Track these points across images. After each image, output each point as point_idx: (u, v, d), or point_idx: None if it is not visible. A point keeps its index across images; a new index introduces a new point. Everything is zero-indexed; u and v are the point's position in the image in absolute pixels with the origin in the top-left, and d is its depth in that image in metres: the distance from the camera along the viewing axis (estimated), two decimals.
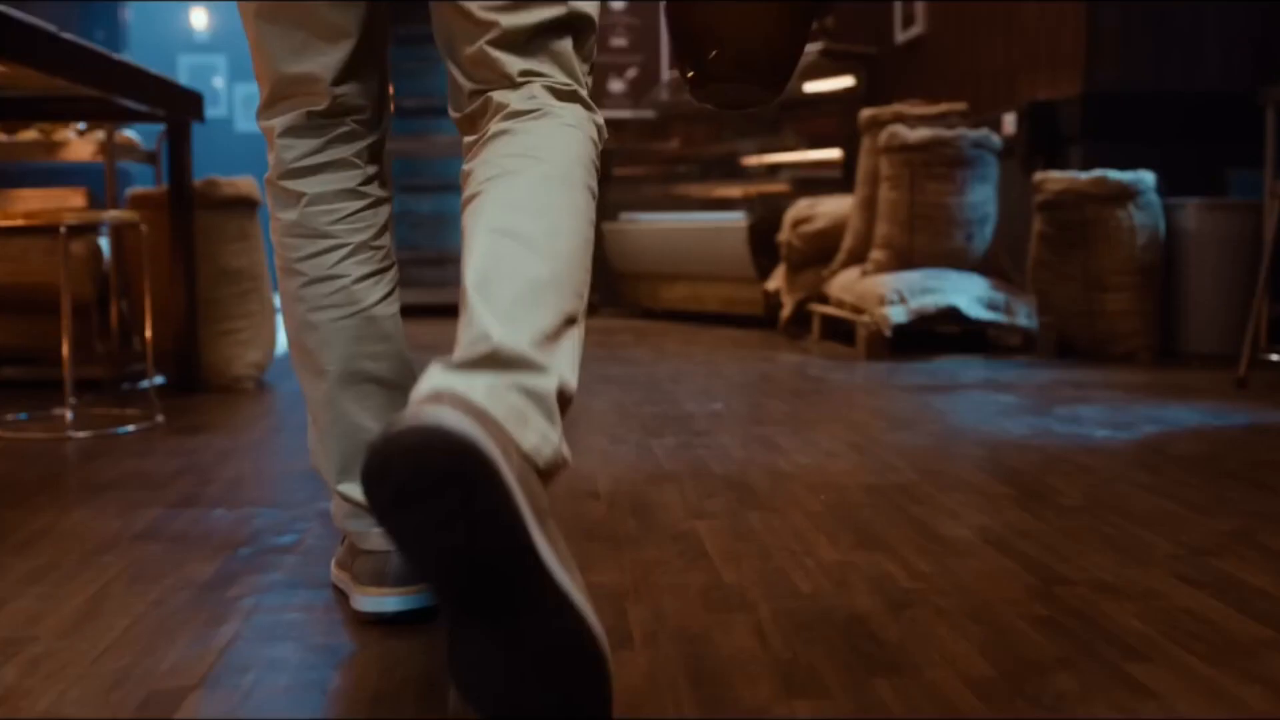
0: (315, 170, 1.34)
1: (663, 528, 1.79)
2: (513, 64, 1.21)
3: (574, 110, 1.22)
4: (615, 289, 6.61)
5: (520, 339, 0.99)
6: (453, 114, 1.30)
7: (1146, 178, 4.15)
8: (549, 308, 1.03)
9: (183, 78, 10.58)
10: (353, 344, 1.34)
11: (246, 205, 3.51)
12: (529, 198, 1.12)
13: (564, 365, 1.03)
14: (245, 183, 3.53)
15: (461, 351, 0.99)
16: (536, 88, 1.21)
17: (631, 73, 7.16)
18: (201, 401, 3.22)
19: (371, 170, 1.38)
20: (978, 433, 2.62)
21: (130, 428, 2.75)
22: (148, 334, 2.98)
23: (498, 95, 1.22)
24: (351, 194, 1.35)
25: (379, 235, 1.37)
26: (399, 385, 1.37)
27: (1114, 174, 4.13)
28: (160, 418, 2.84)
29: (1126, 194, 4.12)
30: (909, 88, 6.46)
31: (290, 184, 1.34)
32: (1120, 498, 1.97)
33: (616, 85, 7.18)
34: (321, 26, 1.30)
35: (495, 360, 0.98)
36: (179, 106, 3.27)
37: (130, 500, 2.00)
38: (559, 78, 1.23)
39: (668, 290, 6.15)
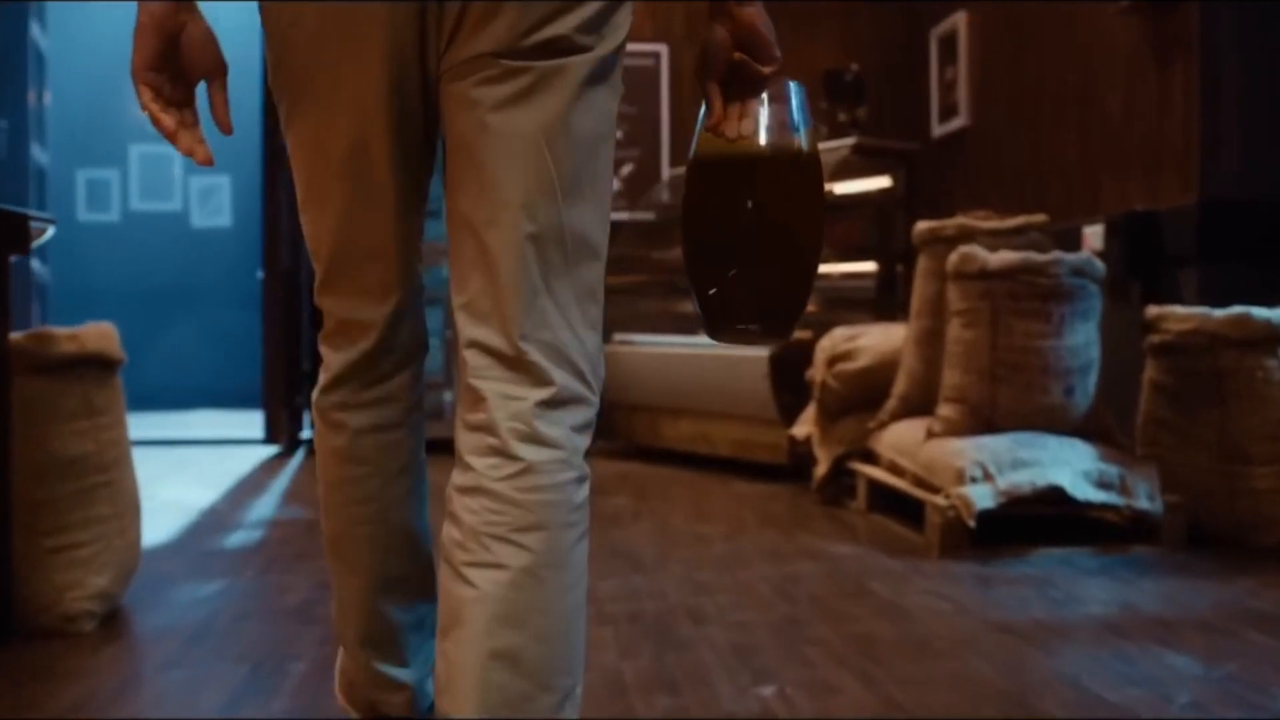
0: (363, 407, 1.40)
1: None
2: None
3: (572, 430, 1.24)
4: (609, 419, 5.61)
5: None
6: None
7: None
8: None
9: (134, 169, 9.69)
10: (386, 555, 1.44)
11: (97, 367, 2.52)
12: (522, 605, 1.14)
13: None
14: (97, 335, 2.54)
15: None
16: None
17: (628, 169, 6.22)
18: (2, 665, 2.19)
19: (416, 397, 1.43)
20: None
21: None
22: None
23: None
24: (394, 426, 1.42)
25: (416, 452, 1.46)
26: (423, 582, 1.48)
27: (1259, 312, 3.17)
28: None
29: (1277, 337, 3.16)
30: (951, 191, 5.56)
31: (339, 416, 1.40)
32: None
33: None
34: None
35: None
36: None
37: None
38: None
39: (670, 427, 5.15)
